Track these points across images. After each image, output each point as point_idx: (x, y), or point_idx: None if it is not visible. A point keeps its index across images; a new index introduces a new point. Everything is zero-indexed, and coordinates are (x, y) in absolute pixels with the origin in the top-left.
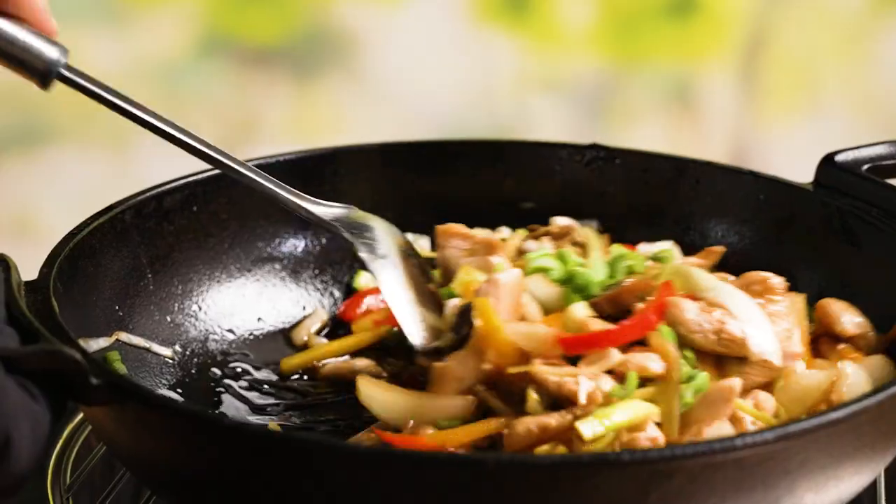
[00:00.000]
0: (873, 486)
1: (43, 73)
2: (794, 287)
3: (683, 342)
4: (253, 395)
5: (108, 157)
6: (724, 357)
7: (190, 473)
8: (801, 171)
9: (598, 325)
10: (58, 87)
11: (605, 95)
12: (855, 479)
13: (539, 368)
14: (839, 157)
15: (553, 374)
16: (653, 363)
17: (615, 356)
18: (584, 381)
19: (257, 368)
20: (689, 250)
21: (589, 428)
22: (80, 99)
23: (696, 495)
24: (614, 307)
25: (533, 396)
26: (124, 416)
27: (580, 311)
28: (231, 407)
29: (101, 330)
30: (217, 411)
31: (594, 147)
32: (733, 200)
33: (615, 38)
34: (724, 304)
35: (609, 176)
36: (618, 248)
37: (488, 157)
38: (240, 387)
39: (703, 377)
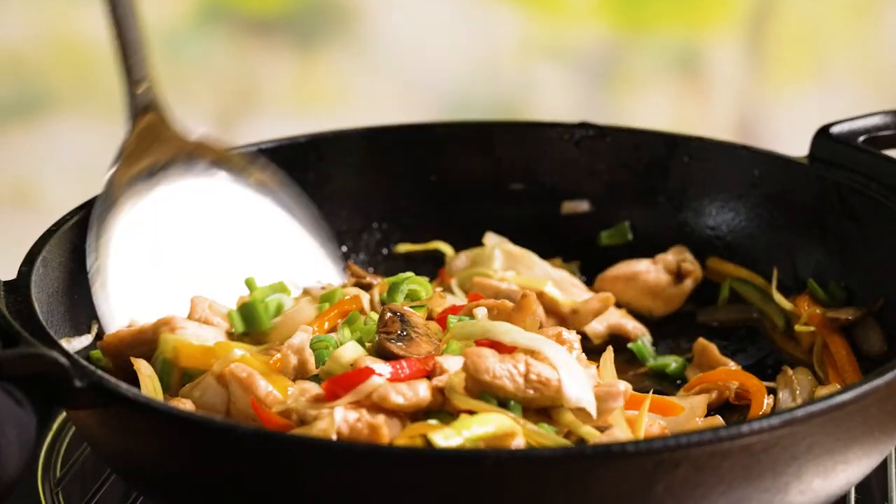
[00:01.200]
0: (883, 468)
1: None
2: (793, 264)
3: (489, 392)
4: None
5: (108, 126)
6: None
7: (176, 475)
8: (808, 142)
9: (370, 362)
10: (58, 55)
11: (609, 64)
12: (864, 462)
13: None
14: (834, 129)
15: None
16: (395, 395)
17: (369, 387)
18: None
19: None
20: (683, 227)
21: (441, 437)
22: (79, 67)
23: (703, 484)
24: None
25: None
26: (109, 419)
27: (349, 351)
28: None
29: (85, 326)
30: None
31: (584, 126)
32: (727, 176)
33: (620, 5)
34: (535, 350)
35: (599, 154)
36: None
37: (476, 138)
38: None
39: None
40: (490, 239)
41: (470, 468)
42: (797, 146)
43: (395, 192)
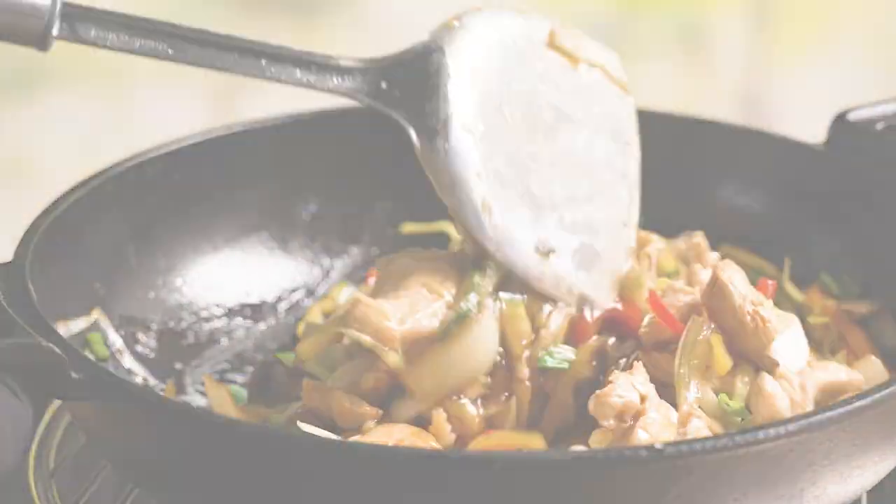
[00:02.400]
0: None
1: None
2: (807, 254)
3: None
4: (239, 376)
5: (107, 99)
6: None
7: (173, 468)
8: (814, 118)
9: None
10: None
11: (612, 38)
12: (880, 466)
13: None
14: (852, 116)
15: None
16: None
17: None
18: None
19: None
20: (695, 214)
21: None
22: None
23: (717, 490)
24: None
25: None
26: (105, 411)
27: None
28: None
29: (81, 310)
30: (204, 401)
31: None
32: (742, 162)
33: None
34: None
35: None
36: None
37: None
38: (226, 367)
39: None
40: None
41: (478, 472)
42: (803, 122)
43: (401, 170)
